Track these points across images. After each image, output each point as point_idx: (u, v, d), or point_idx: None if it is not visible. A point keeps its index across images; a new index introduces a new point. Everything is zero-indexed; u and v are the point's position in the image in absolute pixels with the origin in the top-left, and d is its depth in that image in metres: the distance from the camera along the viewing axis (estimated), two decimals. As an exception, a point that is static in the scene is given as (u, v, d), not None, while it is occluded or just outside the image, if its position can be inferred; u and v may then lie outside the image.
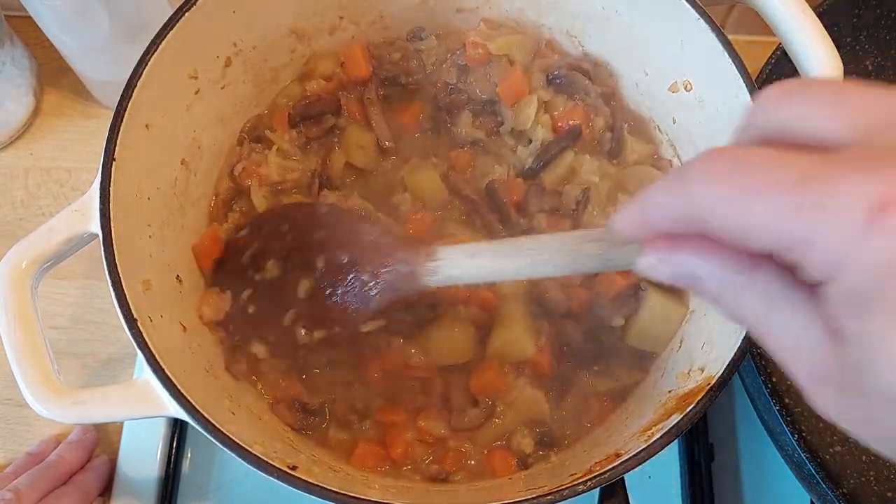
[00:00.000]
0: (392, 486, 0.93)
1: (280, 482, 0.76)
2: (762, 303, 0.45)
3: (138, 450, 1.11)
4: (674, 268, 0.49)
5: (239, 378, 0.98)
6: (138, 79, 0.89)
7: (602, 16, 1.07)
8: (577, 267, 0.70)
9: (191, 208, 1.03)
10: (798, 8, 0.90)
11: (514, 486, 0.92)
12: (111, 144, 0.86)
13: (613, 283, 1.00)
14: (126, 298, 0.81)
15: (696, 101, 1.00)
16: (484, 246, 0.80)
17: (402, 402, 1.00)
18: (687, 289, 0.50)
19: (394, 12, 1.15)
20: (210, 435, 0.77)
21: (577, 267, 0.70)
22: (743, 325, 0.46)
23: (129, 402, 0.80)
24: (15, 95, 1.33)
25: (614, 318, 1.00)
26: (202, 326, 0.99)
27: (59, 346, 1.21)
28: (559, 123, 1.09)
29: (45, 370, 0.79)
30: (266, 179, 1.06)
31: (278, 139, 1.09)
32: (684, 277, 0.49)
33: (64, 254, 0.85)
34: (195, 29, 0.94)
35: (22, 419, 1.18)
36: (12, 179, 1.34)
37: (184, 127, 1.00)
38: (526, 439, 0.97)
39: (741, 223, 0.42)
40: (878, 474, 0.99)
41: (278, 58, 1.12)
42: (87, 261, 1.23)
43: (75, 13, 1.13)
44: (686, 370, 0.90)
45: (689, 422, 0.79)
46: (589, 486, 0.77)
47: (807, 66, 0.89)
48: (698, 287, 0.48)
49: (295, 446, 0.93)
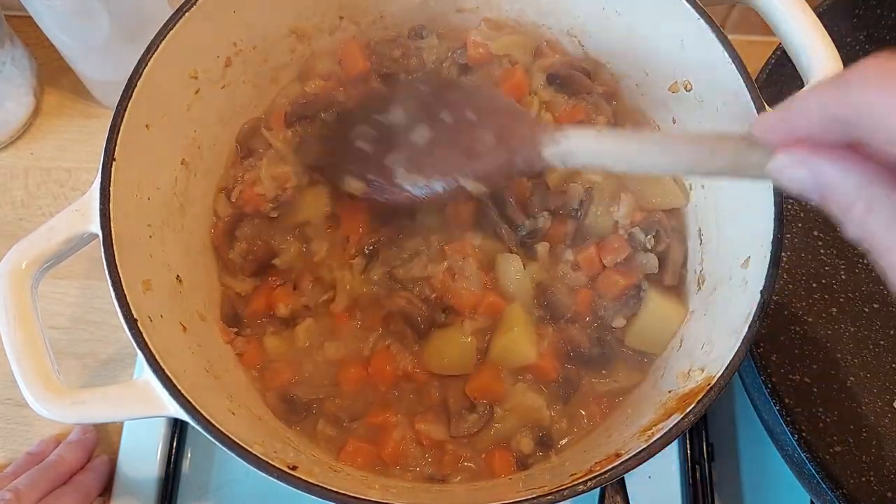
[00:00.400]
0: (392, 487, 0.93)
1: (280, 482, 0.76)
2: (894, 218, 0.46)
3: (138, 450, 1.11)
4: (808, 170, 0.52)
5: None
6: (138, 79, 0.89)
7: (602, 16, 1.07)
8: (702, 163, 0.70)
9: (191, 208, 1.03)
10: (798, 8, 0.90)
11: (513, 487, 0.92)
12: (111, 144, 0.86)
13: (615, 283, 1.00)
14: (126, 298, 0.81)
15: (696, 101, 1.00)
16: (614, 130, 0.79)
17: (396, 405, 1.00)
18: (810, 197, 0.52)
19: (394, 12, 1.15)
20: (210, 435, 0.77)
21: (703, 163, 0.70)
22: (864, 240, 0.48)
23: (129, 402, 0.79)
24: (15, 95, 1.33)
25: (616, 319, 1.01)
26: (202, 326, 0.99)
27: (59, 346, 1.21)
28: (561, 122, 1.09)
29: (45, 370, 0.79)
30: (265, 198, 1.06)
31: (273, 138, 1.09)
32: (814, 184, 0.52)
33: (64, 254, 0.85)
34: (195, 29, 0.94)
35: (22, 419, 1.18)
36: (12, 179, 1.35)
37: (184, 127, 1.00)
38: (525, 440, 0.97)
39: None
40: (878, 474, 0.99)
41: (278, 58, 1.12)
42: (87, 261, 1.24)
43: (75, 13, 1.13)
44: (686, 370, 0.90)
45: (689, 422, 0.79)
46: (589, 486, 0.77)
47: (807, 66, 0.89)
48: (827, 195, 0.51)
49: (294, 446, 0.93)
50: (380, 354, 1.00)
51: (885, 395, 1.05)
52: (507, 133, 0.88)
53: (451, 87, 0.98)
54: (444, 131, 0.93)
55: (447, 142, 0.92)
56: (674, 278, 1.04)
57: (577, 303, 1.01)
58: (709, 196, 1.02)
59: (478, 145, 0.89)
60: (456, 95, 0.95)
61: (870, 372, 1.06)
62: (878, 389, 1.05)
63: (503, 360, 0.99)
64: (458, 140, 0.91)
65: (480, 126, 0.90)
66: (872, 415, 1.04)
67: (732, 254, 0.93)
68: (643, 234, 1.01)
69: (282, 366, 1.01)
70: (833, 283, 1.12)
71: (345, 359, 1.01)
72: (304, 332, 1.02)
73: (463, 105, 0.93)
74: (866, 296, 1.11)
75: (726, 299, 0.92)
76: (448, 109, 0.93)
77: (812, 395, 1.03)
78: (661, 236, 1.02)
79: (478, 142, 0.89)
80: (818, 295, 1.11)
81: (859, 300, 1.11)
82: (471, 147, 0.89)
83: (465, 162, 0.89)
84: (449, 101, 0.94)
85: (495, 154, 0.88)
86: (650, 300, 1.00)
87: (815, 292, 1.11)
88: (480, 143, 0.89)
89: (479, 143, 0.89)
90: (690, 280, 1.04)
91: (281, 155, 1.08)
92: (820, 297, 1.11)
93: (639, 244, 1.01)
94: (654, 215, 1.04)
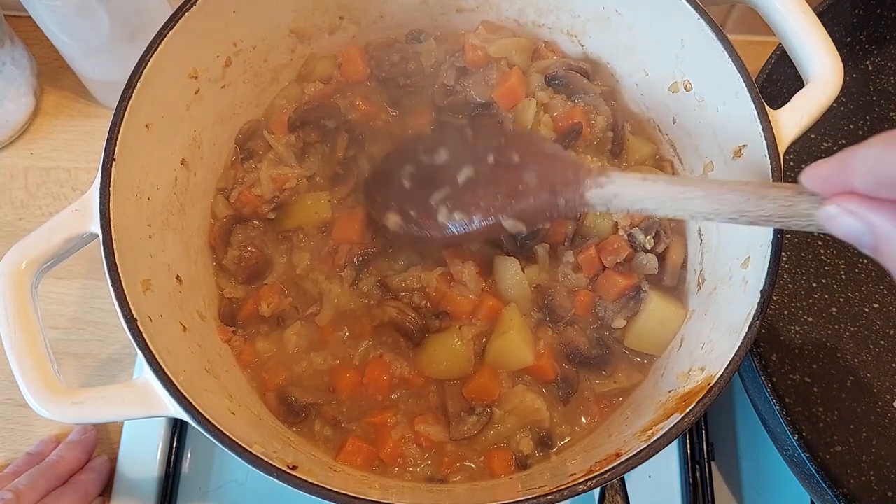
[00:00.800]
0: (392, 487, 0.92)
1: (280, 482, 0.76)
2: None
3: (138, 450, 1.11)
4: (860, 221, 0.57)
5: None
6: (138, 78, 0.89)
7: (602, 16, 1.07)
8: (748, 210, 0.72)
9: (191, 208, 1.03)
10: (798, 8, 0.90)
11: (513, 487, 0.93)
12: (111, 144, 0.86)
13: (615, 284, 1.00)
14: (126, 298, 0.81)
15: (696, 101, 1.00)
16: (659, 175, 0.81)
17: (395, 406, 1.00)
18: (860, 245, 0.58)
19: (394, 12, 1.15)
20: (210, 435, 0.77)
21: (749, 210, 0.72)
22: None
23: (129, 402, 0.80)
24: (15, 95, 1.33)
25: (616, 320, 1.01)
26: (202, 325, 0.99)
27: (59, 346, 1.21)
28: (559, 124, 1.09)
29: (45, 371, 0.79)
30: (263, 199, 1.06)
31: (276, 142, 1.09)
32: (866, 233, 0.57)
33: (64, 254, 0.85)
34: (195, 29, 0.94)
35: (22, 419, 1.18)
36: (12, 179, 1.34)
37: (184, 127, 1.00)
38: (525, 440, 0.97)
39: None
40: (878, 474, 0.99)
41: (278, 58, 1.12)
42: (87, 261, 1.24)
43: (75, 13, 1.13)
44: (686, 370, 0.90)
45: (689, 421, 0.79)
46: (589, 485, 0.77)
47: (807, 66, 0.89)
48: (880, 247, 0.56)
49: (294, 445, 0.93)
50: (373, 364, 1.00)
51: (886, 395, 1.05)
52: (551, 174, 0.89)
53: (497, 132, 1.01)
54: (488, 172, 0.94)
55: (491, 181, 0.93)
56: (673, 279, 1.04)
57: (577, 304, 1.02)
58: (709, 196, 1.02)
59: (520, 186, 0.90)
60: (502, 140, 0.97)
61: (870, 372, 1.06)
62: (878, 389, 1.05)
63: (500, 363, 0.99)
64: (502, 180, 0.92)
65: (524, 168, 0.91)
66: (872, 415, 1.03)
67: (732, 254, 0.93)
68: (643, 235, 1.01)
69: (277, 367, 1.01)
70: (833, 283, 1.12)
71: (336, 367, 1.01)
72: (295, 336, 1.02)
73: (508, 149, 0.94)
74: (866, 296, 1.11)
75: (726, 299, 0.92)
76: (493, 153, 0.95)
77: (812, 395, 1.03)
78: (660, 237, 1.02)
79: (521, 182, 0.90)
80: (818, 295, 1.11)
81: (859, 300, 1.11)
82: (513, 187, 0.91)
83: (507, 202, 0.91)
84: (494, 145, 0.96)
85: (538, 195, 0.89)
86: (650, 301, 1.00)
87: (815, 292, 1.11)
88: (523, 184, 0.90)
89: (521, 184, 0.90)
90: (690, 280, 1.04)
91: (281, 158, 1.09)
92: (820, 297, 1.11)
93: (639, 245, 1.01)
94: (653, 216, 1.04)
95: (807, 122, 0.88)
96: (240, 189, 1.07)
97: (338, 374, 1.00)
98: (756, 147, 0.88)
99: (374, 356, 1.01)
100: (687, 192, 0.76)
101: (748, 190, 0.72)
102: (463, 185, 0.95)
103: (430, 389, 1.00)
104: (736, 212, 0.73)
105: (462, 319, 1.00)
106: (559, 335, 1.01)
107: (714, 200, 0.74)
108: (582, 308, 1.02)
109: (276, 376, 1.01)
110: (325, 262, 1.04)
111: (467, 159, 0.97)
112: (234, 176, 1.09)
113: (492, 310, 1.00)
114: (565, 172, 0.87)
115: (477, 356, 1.00)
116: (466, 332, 0.99)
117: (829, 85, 0.88)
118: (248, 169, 1.09)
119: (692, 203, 0.76)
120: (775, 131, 0.87)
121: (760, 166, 0.87)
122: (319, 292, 1.03)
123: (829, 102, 0.88)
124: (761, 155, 0.87)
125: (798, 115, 0.88)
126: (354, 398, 1.00)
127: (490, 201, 0.92)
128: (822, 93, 0.88)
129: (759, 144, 0.88)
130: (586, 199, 0.84)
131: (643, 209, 0.81)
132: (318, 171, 1.11)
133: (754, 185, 0.72)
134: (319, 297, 1.03)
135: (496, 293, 1.02)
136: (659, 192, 0.79)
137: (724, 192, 0.74)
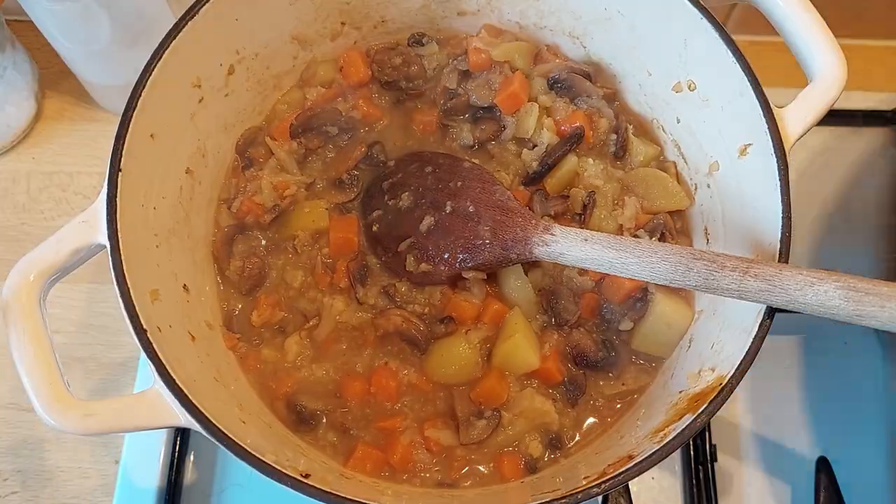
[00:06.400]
0: (404, 493, 0.93)
1: (294, 491, 0.76)
2: None
3: (141, 454, 1.10)
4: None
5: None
6: (142, 89, 0.88)
7: (604, 16, 1.07)
8: (676, 279, 0.80)
9: (196, 217, 1.03)
10: (801, 6, 0.90)
11: (525, 490, 0.93)
12: (117, 154, 0.85)
13: (621, 286, 1.00)
14: (135, 309, 0.81)
15: (700, 101, 1.00)
16: (599, 235, 0.87)
17: (404, 411, 1.00)
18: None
19: (395, 16, 1.15)
20: (222, 445, 0.77)
21: (677, 279, 0.80)
22: None
23: (140, 414, 0.79)
24: (16, 100, 1.33)
25: (623, 322, 1.01)
26: (210, 334, 0.99)
27: (65, 351, 1.20)
28: (562, 127, 1.09)
29: (55, 384, 0.78)
30: (264, 208, 1.06)
31: (278, 148, 1.09)
32: None
33: (72, 265, 0.85)
34: (198, 38, 0.94)
35: (25, 423, 1.18)
36: (14, 184, 1.34)
37: (188, 136, 1.00)
38: (534, 443, 0.97)
39: None
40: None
41: (281, 65, 1.12)
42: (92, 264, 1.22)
43: (77, 17, 1.13)
44: (696, 370, 0.90)
45: (702, 422, 0.79)
46: (604, 488, 0.77)
47: (811, 63, 0.89)
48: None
49: (305, 453, 0.93)
50: (380, 371, 1.00)
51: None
52: (503, 230, 0.97)
53: (456, 173, 1.05)
54: (446, 221, 1.01)
55: (450, 231, 1.01)
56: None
57: (583, 307, 1.02)
58: (715, 196, 1.02)
59: (477, 240, 0.98)
60: (459, 183, 1.03)
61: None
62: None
63: (506, 367, 0.99)
64: (459, 232, 1.00)
65: (479, 220, 0.99)
66: None
67: (740, 252, 0.92)
68: (648, 236, 1.01)
69: (283, 374, 1.01)
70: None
71: (342, 376, 1.01)
72: (296, 346, 1.02)
73: (464, 198, 1.01)
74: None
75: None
76: (451, 199, 1.01)
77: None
78: (666, 238, 1.02)
79: (477, 236, 0.98)
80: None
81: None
82: (470, 240, 0.99)
83: (466, 256, 0.99)
84: (451, 188, 1.03)
85: (492, 249, 0.97)
86: (657, 303, 0.99)
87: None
88: (479, 238, 0.98)
89: (478, 237, 0.98)
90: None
91: (283, 165, 1.09)
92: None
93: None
94: (658, 217, 1.04)
95: (812, 119, 0.88)
96: (242, 198, 1.07)
97: (344, 382, 1.00)
98: (762, 145, 0.89)
99: (379, 364, 1.01)
100: (621, 257, 0.84)
101: (674, 261, 0.80)
102: (426, 234, 1.02)
103: (439, 394, 1.00)
104: (666, 280, 0.81)
105: (467, 324, 1.01)
106: (565, 338, 1.01)
107: (646, 268, 0.82)
108: (588, 311, 1.02)
109: (283, 384, 1.00)
110: (321, 280, 1.04)
111: (427, 204, 1.04)
112: (235, 185, 1.09)
113: (496, 314, 1.01)
114: (514, 229, 0.95)
115: (484, 360, 1.00)
116: (473, 336, 0.99)
117: (833, 82, 0.88)
118: (249, 177, 1.09)
119: (628, 268, 0.84)
120: (781, 129, 0.87)
121: (766, 164, 0.87)
122: (317, 308, 1.03)
123: (835, 99, 0.88)
124: (767, 153, 0.87)
125: (803, 112, 0.88)
126: (362, 405, 1.00)
127: (452, 254, 1.00)
128: (827, 90, 0.88)
129: (765, 143, 0.88)
130: (535, 255, 0.92)
131: (590, 269, 0.89)
132: (319, 177, 1.11)
133: (684, 256, 0.80)
134: (317, 313, 1.03)
135: (500, 297, 1.03)
136: (598, 255, 0.86)
137: (655, 261, 0.81)
